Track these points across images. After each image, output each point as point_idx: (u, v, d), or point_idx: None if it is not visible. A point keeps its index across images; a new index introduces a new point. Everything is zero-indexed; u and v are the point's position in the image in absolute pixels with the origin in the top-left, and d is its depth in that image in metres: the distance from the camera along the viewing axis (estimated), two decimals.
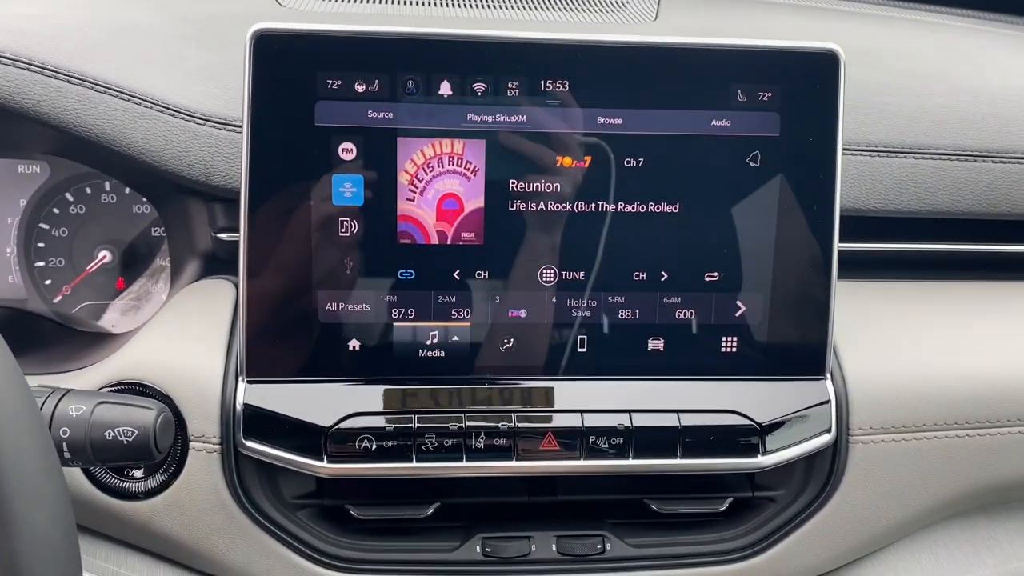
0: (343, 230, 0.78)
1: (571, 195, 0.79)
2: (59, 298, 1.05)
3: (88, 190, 1.04)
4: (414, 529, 0.84)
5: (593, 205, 0.80)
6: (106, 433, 0.67)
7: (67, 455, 0.67)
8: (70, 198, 1.04)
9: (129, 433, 0.67)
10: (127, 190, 1.03)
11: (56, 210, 1.04)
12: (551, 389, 0.81)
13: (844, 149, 0.82)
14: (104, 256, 1.04)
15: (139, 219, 1.05)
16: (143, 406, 0.69)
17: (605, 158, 0.79)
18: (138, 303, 1.05)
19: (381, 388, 0.80)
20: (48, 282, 1.06)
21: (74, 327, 1.05)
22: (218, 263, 0.92)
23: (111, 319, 1.05)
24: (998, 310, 0.96)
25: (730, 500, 0.86)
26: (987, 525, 0.93)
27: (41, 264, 1.05)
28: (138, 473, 0.79)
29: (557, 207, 0.80)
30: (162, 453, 0.70)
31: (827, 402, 0.83)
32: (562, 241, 0.80)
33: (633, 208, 0.80)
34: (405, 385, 0.80)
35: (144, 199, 1.03)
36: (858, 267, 0.96)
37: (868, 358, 0.87)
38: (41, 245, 1.05)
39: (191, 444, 0.79)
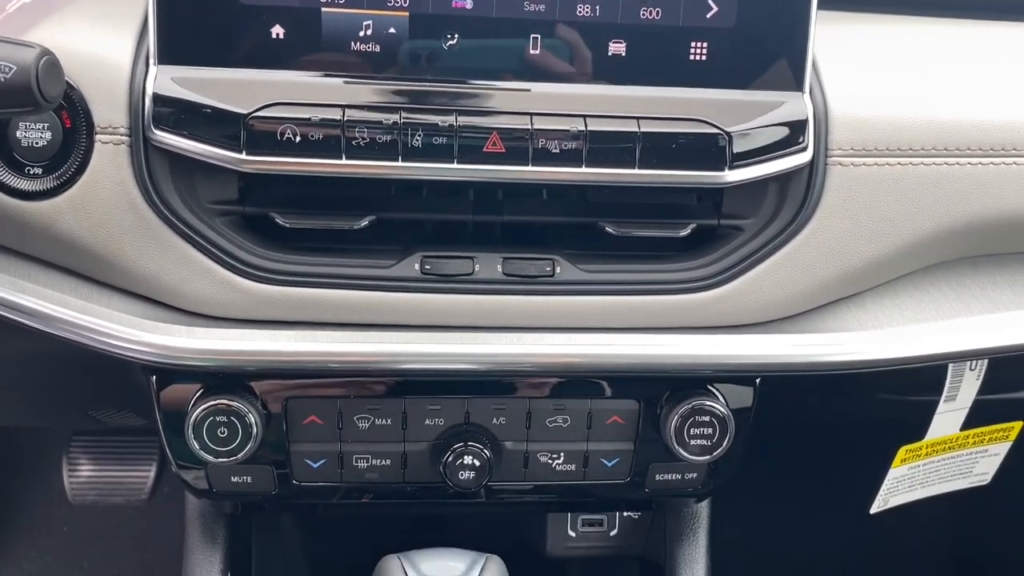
0: None
1: None
2: None
3: None
4: (348, 249, 0.77)
5: None
6: None
7: None
8: None
9: (6, 69, 0.59)
10: None
11: None
12: (498, 90, 0.73)
13: None
14: None
15: None
16: (24, 43, 0.60)
17: None
18: None
19: (307, 77, 0.72)
20: None
21: None
22: None
23: None
24: (1003, 49, 0.87)
25: (693, 226, 0.79)
26: (974, 276, 0.86)
27: None
28: (39, 171, 0.72)
29: None
30: (49, 103, 0.62)
31: (804, 120, 0.76)
32: None
33: None
34: (335, 78, 0.72)
35: None
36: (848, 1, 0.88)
37: (852, 77, 0.79)
38: None
39: (97, 136, 0.71)
